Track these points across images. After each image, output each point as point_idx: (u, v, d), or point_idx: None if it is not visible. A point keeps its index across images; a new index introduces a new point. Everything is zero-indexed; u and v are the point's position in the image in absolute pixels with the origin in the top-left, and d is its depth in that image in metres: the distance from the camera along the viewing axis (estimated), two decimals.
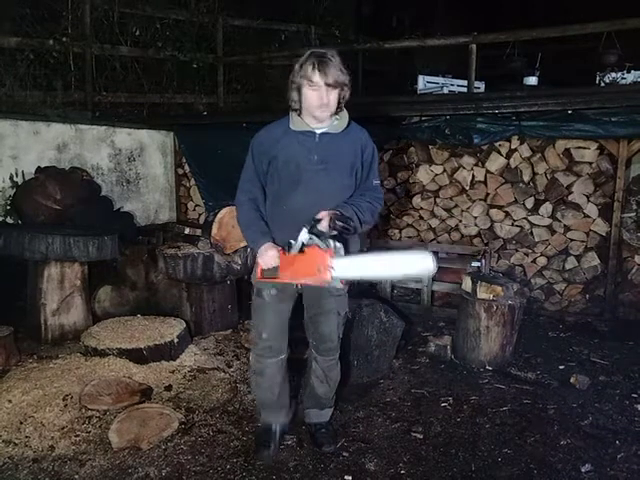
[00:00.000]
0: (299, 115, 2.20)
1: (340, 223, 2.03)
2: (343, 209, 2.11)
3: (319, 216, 2.04)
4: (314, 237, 2.01)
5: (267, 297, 2.32)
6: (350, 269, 2.04)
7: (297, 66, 2.12)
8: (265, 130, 2.29)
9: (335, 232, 2.03)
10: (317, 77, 2.06)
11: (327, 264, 1.97)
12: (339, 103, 2.16)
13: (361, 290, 3.75)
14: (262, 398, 2.52)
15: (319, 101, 2.09)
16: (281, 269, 2.12)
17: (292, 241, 2.05)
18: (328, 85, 2.07)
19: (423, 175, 4.98)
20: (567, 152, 4.37)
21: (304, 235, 2.02)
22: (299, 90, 2.13)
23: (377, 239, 5.07)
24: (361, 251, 2.42)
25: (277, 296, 2.32)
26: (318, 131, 2.19)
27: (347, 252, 2.11)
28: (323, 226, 2.03)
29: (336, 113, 2.19)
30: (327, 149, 2.19)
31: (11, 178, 4.76)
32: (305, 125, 2.19)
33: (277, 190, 2.22)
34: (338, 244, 2.02)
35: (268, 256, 2.15)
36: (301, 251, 2.03)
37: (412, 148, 4.99)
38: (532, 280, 4.60)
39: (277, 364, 2.40)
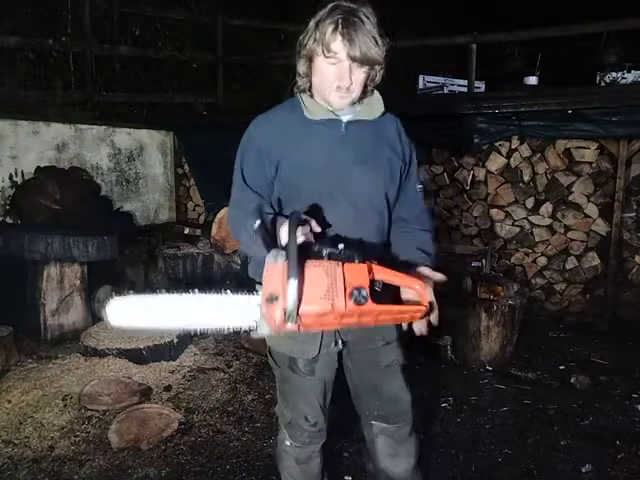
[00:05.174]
0: (312, 97, 1.52)
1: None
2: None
3: None
4: None
5: (304, 368, 1.55)
6: None
7: (312, 23, 1.43)
8: (265, 118, 1.58)
9: None
10: (338, 45, 1.37)
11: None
12: (365, 87, 1.48)
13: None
14: None
15: (336, 81, 1.41)
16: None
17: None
18: (353, 59, 1.38)
19: (423, 175, 4.98)
20: (567, 152, 4.36)
21: None
22: (310, 60, 1.45)
23: None
24: None
25: (321, 362, 1.56)
26: (344, 118, 1.52)
27: None
28: None
29: (360, 99, 1.52)
30: (360, 143, 1.51)
31: (11, 178, 4.75)
32: (326, 111, 1.49)
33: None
34: None
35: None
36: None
37: None
38: (532, 280, 4.60)
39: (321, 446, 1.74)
